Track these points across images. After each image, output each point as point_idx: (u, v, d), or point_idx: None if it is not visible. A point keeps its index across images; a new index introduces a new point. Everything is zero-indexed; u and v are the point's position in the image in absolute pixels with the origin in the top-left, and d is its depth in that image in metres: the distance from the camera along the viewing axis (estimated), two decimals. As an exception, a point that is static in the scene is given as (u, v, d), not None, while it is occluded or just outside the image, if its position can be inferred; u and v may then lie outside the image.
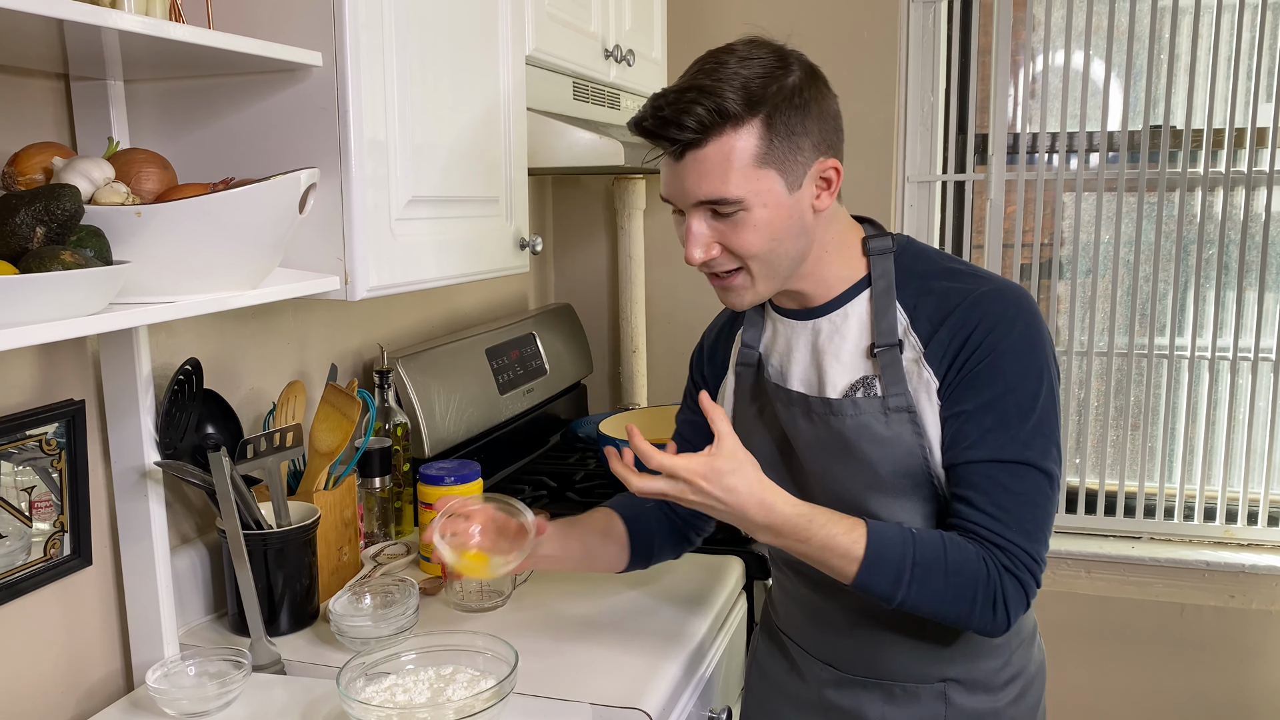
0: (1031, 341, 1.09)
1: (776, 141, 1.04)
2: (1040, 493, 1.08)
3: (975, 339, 1.08)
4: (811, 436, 1.18)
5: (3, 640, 1.17)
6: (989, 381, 1.07)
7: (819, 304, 1.17)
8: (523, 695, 1.17)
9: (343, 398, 1.44)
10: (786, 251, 1.10)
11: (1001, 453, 1.07)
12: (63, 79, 1.20)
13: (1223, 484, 2.38)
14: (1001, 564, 1.07)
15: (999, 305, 1.09)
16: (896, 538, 1.08)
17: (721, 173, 1.04)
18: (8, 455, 1.14)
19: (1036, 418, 1.08)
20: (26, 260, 0.86)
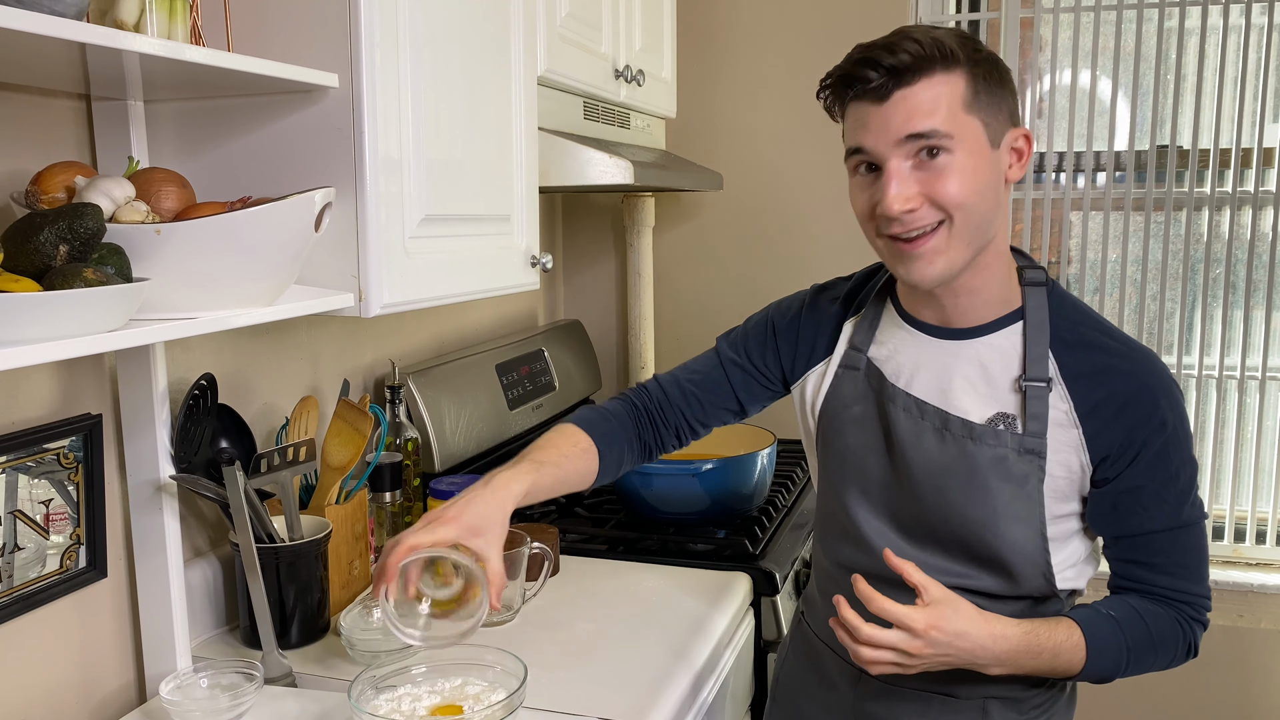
0: (1184, 414, 1.14)
1: (982, 93, 1.05)
2: (1204, 538, 1.17)
3: (1140, 415, 1.10)
4: (939, 455, 1.16)
5: (21, 651, 1.18)
6: (1164, 460, 1.11)
7: (964, 325, 1.16)
8: (531, 709, 1.18)
9: (355, 413, 1.46)
10: (984, 211, 1.07)
11: (1178, 520, 1.14)
12: (84, 99, 1.23)
13: (1231, 503, 2.38)
14: (1190, 616, 1.16)
15: (1157, 382, 1.11)
16: (1108, 629, 1.13)
17: (932, 108, 1.03)
18: (27, 468, 1.16)
19: (1189, 479, 1.14)
20: (50, 278, 0.88)
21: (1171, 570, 1.15)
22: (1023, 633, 1.08)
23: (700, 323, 2.57)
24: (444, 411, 1.82)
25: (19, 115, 1.15)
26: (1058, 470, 1.12)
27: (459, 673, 1.17)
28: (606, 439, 1.30)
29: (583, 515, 1.91)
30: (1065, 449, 1.12)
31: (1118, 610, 1.14)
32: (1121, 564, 1.17)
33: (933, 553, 1.19)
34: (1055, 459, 1.12)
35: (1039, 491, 1.12)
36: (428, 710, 1.10)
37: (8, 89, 1.14)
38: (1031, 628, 1.10)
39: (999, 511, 1.13)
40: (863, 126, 1.07)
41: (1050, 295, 1.15)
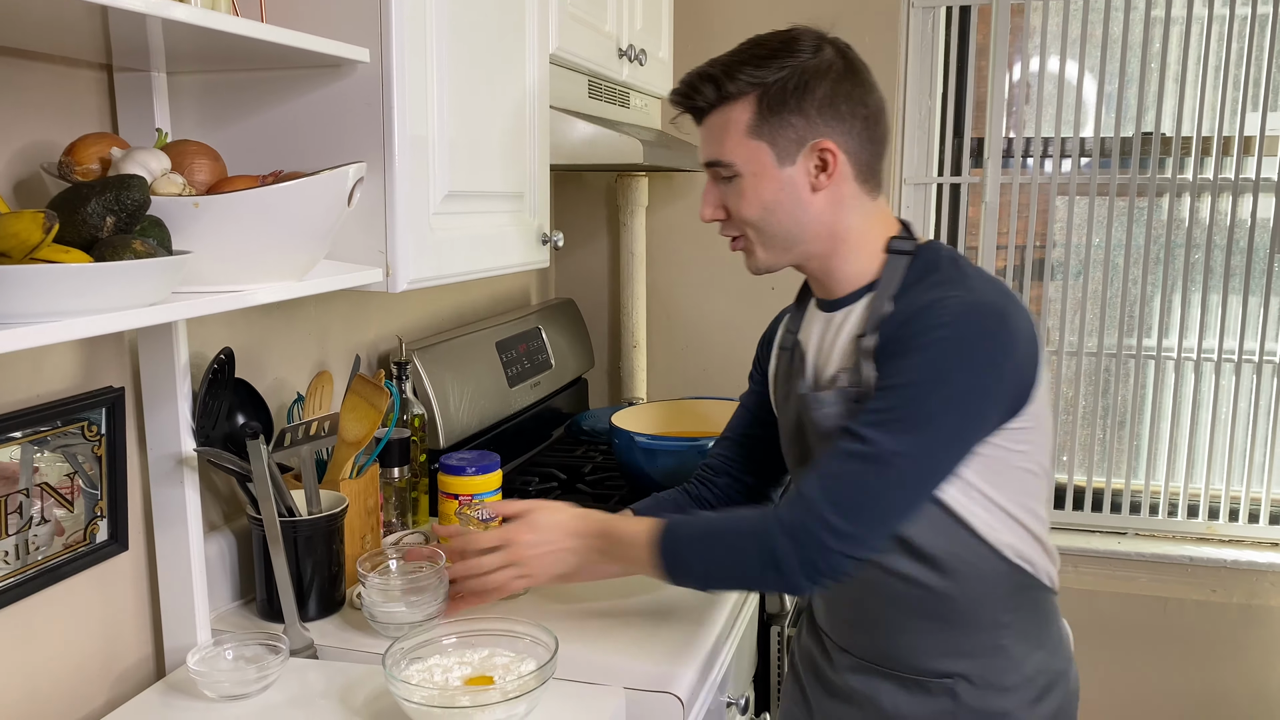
0: (959, 349, 1.07)
1: (768, 116, 1.14)
2: (880, 481, 1.07)
3: (909, 327, 1.10)
4: (810, 426, 1.22)
5: (46, 623, 1.18)
6: (895, 370, 1.09)
7: (834, 298, 1.23)
8: (557, 679, 1.20)
9: (370, 388, 1.46)
10: (781, 224, 1.18)
11: (855, 425, 1.09)
12: (106, 70, 1.22)
13: (1206, 482, 2.45)
14: (781, 517, 1.10)
15: (947, 310, 1.09)
16: (681, 518, 1.19)
17: (719, 139, 1.17)
18: (53, 441, 1.16)
19: (915, 414, 1.07)
20: (99, 249, 0.88)
21: (814, 467, 1.11)
22: (599, 522, 1.23)
23: (692, 303, 2.60)
24: (448, 388, 1.83)
25: (42, 85, 1.14)
26: None
27: (487, 643, 1.19)
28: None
29: (585, 491, 1.93)
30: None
31: (724, 510, 1.21)
32: None
33: None
34: None
35: None
36: (461, 680, 1.12)
37: (31, 57, 1.12)
38: (609, 520, 1.24)
39: None
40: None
41: (916, 261, 1.17)
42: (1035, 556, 1.20)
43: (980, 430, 1.11)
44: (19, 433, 1.11)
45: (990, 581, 1.18)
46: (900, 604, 1.20)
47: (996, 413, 1.11)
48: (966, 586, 1.18)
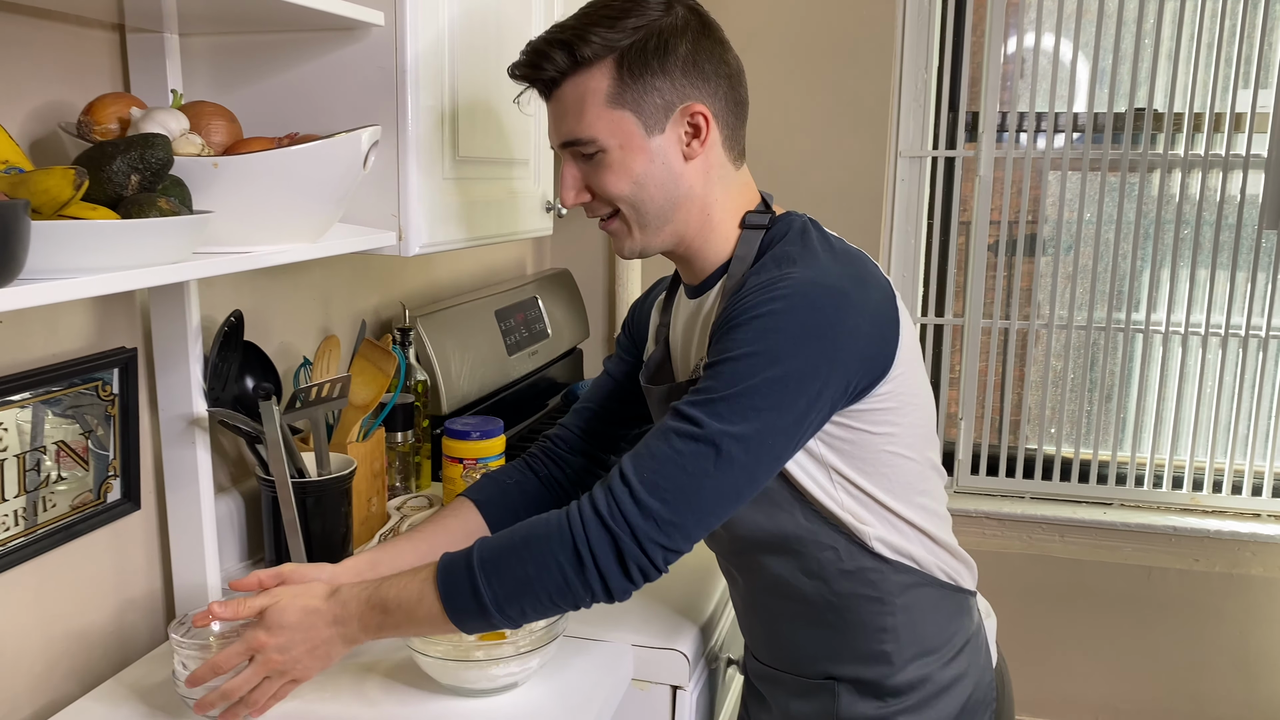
0: (791, 326, 0.97)
1: (629, 82, 1.03)
2: (696, 461, 0.95)
3: (739, 309, 0.99)
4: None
5: (60, 580, 1.20)
6: (722, 347, 0.99)
7: (698, 282, 1.14)
8: (566, 637, 1.23)
9: (379, 353, 1.48)
10: (653, 198, 1.06)
11: (682, 406, 0.98)
12: (118, 30, 1.22)
13: (1190, 454, 2.50)
14: (595, 507, 0.95)
15: (781, 289, 0.99)
16: (462, 551, 1.00)
17: (576, 113, 1.05)
18: (69, 400, 1.17)
19: (744, 393, 0.96)
20: (125, 206, 0.89)
21: (635, 449, 0.98)
22: (364, 589, 1.01)
23: (686, 273, 2.61)
24: (450, 355, 1.85)
25: (56, 45, 1.14)
26: None
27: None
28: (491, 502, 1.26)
29: (584, 458, 1.95)
30: None
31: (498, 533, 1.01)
32: None
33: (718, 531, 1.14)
34: None
35: None
36: (475, 636, 1.14)
37: (45, 16, 1.12)
38: (377, 585, 1.01)
39: None
40: (548, 125, 1.10)
41: (770, 232, 1.09)
42: (919, 552, 1.11)
43: (817, 411, 0.99)
44: (36, 391, 1.12)
45: (861, 579, 1.10)
46: (783, 605, 1.14)
47: (835, 392, 1.00)
48: (837, 585, 1.10)
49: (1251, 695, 2.47)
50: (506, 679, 1.11)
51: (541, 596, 0.96)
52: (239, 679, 1.01)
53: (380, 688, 1.14)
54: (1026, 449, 2.60)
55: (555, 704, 1.12)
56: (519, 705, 1.11)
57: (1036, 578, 2.52)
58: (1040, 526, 2.51)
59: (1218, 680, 2.48)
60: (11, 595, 1.13)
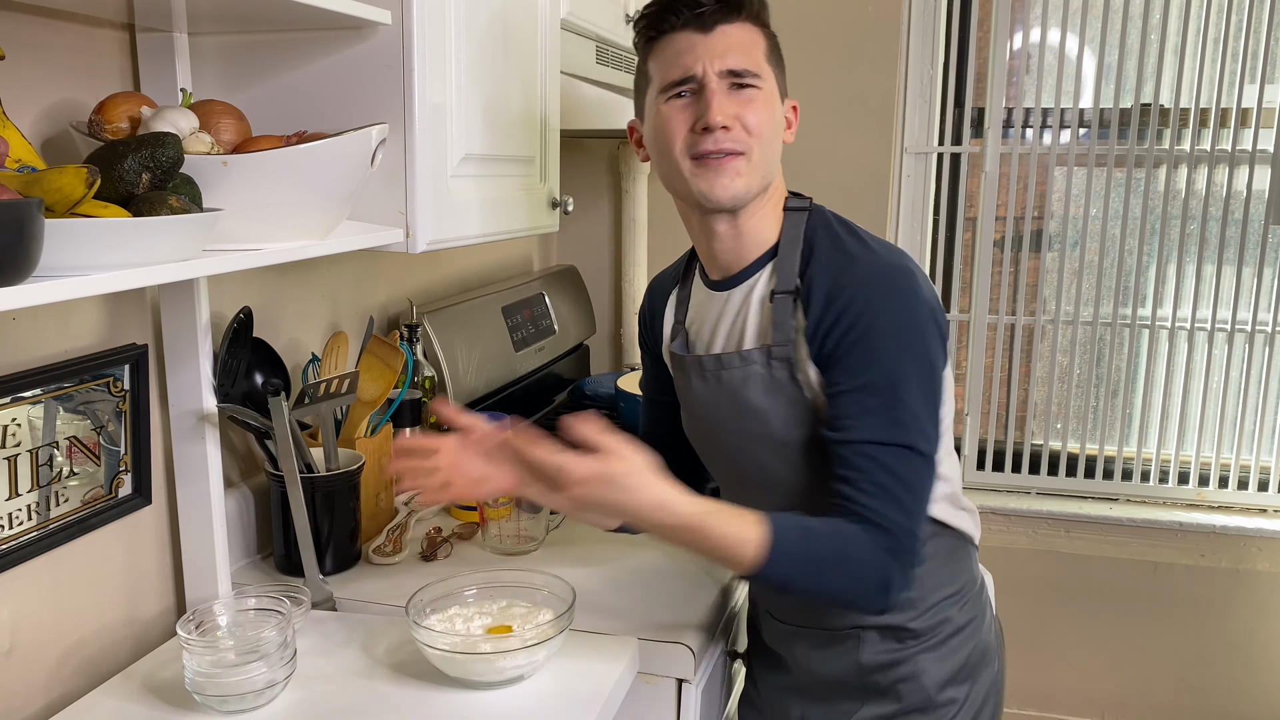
0: (906, 323, 1.11)
1: (774, 54, 1.19)
2: (917, 474, 1.11)
3: (847, 319, 1.10)
4: (705, 395, 1.23)
5: (72, 574, 1.21)
6: (864, 365, 1.10)
7: (734, 272, 1.22)
8: (573, 630, 1.24)
9: (386, 349, 1.49)
10: (773, 150, 1.18)
11: (883, 435, 1.09)
12: (128, 30, 1.23)
13: (1196, 449, 2.50)
14: (888, 548, 1.09)
15: (871, 285, 1.12)
16: (797, 535, 1.08)
17: (750, 49, 1.16)
18: (81, 396, 1.18)
19: (915, 399, 1.10)
20: (136, 204, 0.90)
21: (870, 490, 1.09)
22: (693, 513, 1.06)
23: (693, 270, 2.62)
24: (457, 351, 1.86)
25: (66, 45, 1.15)
26: (808, 382, 1.14)
27: (505, 595, 1.22)
28: None
29: (590, 454, 1.96)
30: (806, 363, 1.14)
31: (823, 525, 1.10)
32: (833, 479, 1.12)
33: (759, 495, 1.21)
34: (802, 365, 1.14)
35: (802, 397, 1.15)
36: (483, 629, 1.16)
37: (56, 16, 1.14)
38: (708, 512, 1.07)
39: (777, 424, 1.17)
40: (688, 53, 1.15)
41: (811, 217, 1.20)
42: (941, 504, 1.22)
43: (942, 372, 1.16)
44: (48, 387, 1.14)
45: None
46: None
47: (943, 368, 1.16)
48: None
49: (1257, 690, 2.47)
50: (514, 671, 1.12)
51: (831, 599, 1.13)
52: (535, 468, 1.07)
53: (388, 680, 1.15)
54: (1033, 444, 2.60)
55: (562, 697, 1.13)
56: (526, 698, 1.12)
57: (1042, 573, 2.53)
58: (1046, 522, 2.51)
59: (1224, 675, 2.48)
60: (25, 589, 1.15)
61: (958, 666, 1.26)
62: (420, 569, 1.45)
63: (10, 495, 1.11)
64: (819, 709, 1.30)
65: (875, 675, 1.25)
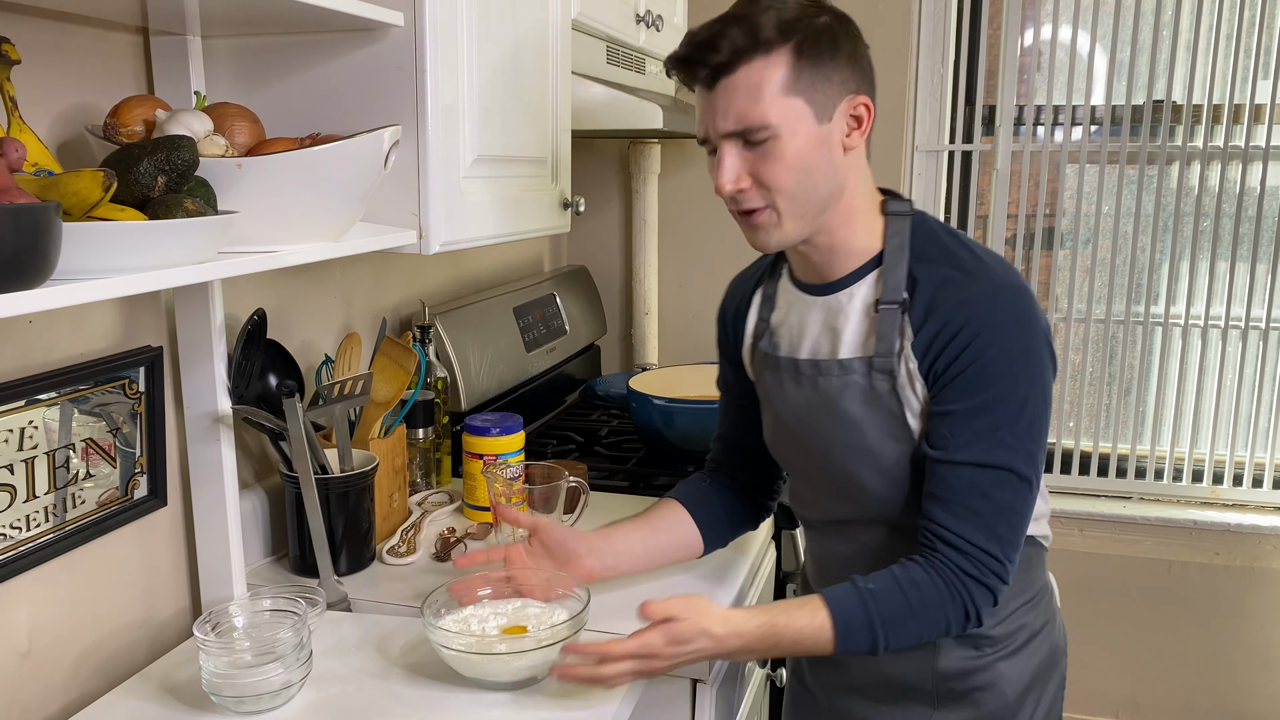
0: (1023, 346, 1.09)
1: (805, 71, 1.05)
2: (1019, 498, 1.10)
3: (963, 339, 1.08)
4: (799, 399, 1.20)
5: (91, 576, 1.22)
6: (978, 386, 1.08)
7: (835, 278, 1.17)
8: (588, 630, 1.24)
9: (399, 350, 1.49)
10: (816, 187, 1.09)
11: (985, 457, 1.08)
12: (142, 33, 1.23)
13: (1210, 447, 2.49)
14: (966, 571, 1.09)
15: (991, 307, 1.08)
16: (855, 603, 1.10)
17: (751, 98, 1.05)
18: (97, 398, 1.18)
19: (1024, 423, 1.08)
20: (152, 207, 0.90)
21: (962, 515, 1.09)
22: (758, 624, 1.10)
23: (704, 270, 2.62)
24: (469, 352, 1.86)
25: (81, 49, 1.16)
26: (910, 397, 1.12)
27: (519, 595, 1.22)
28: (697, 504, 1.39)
29: (603, 453, 1.96)
30: (913, 376, 1.12)
31: (877, 583, 1.11)
32: (926, 496, 1.12)
33: (838, 502, 1.23)
34: (905, 382, 1.12)
35: (899, 409, 1.13)
36: (498, 630, 1.16)
37: (70, 20, 1.14)
38: (771, 617, 1.10)
39: (872, 436, 1.15)
40: (701, 113, 1.11)
41: (916, 224, 1.15)
42: None
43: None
44: (64, 390, 1.14)
45: None
46: (888, 561, 1.18)
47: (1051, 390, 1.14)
48: None
49: (1272, 688, 2.46)
50: (529, 672, 1.12)
51: (922, 640, 1.12)
52: (615, 669, 1.08)
53: (404, 680, 1.15)
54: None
55: (576, 697, 1.13)
56: (541, 698, 1.12)
57: (1056, 572, 2.48)
58: (1060, 520, 2.50)
59: (1239, 674, 2.47)
60: (42, 592, 1.15)
61: (1034, 671, 1.24)
62: (434, 569, 1.45)
63: (28, 498, 1.11)
64: (888, 712, 1.27)
65: (952, 683, 1.22)
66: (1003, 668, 1.22)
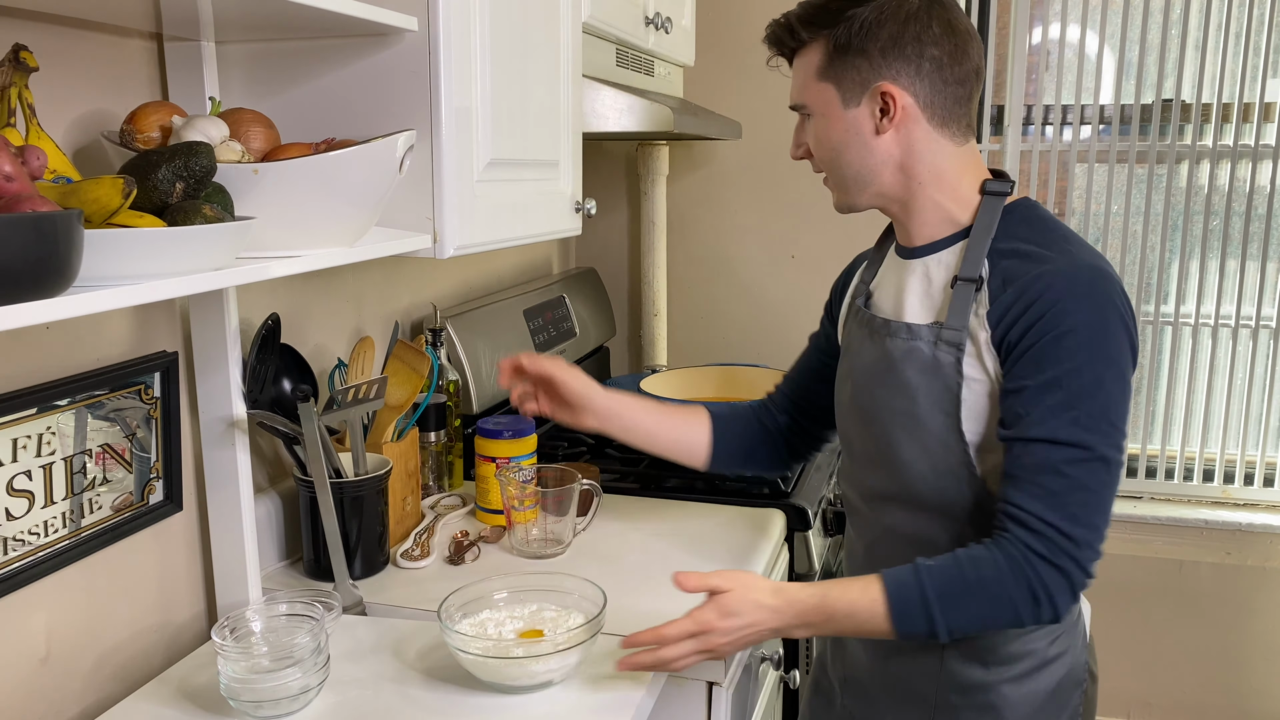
0: (1099, 325, 1.07)
1: (836, 58, 1.16)
2: (1095, 478, 1.06)
3: (1037, 310, 1.08)
4: (868, 356, 1.23)
5: (108, 581, 1.22)
6: (1052, 360, 1.07)
7: (920, 244, 1.20)
8: (604, 634, 1.24)
9: (413, 354, 1.49)
10: (850, 164, 1.19)
11: (1059, 434, 1.06)
12: (156, 40, 1.24)
13: (1221, 446, 2.48)
14: (1033, 549, 1.05)
15: (1067, 283, 1.08)
16: (910, 578, 1.08)
17: (799, 81, 1.21)
18: (113, 403, 1.19)
19: (1100, 402, 1.06)
20: (170, 214, 0.91)
21: (1035, 493, 1.06)
22: (811, 594, 1.11)
23: (712, 271, 2.62)
24: (480, 354, 1.86)
25: (96, 55, 1.16)
26: (977, 371, 1.12)
27: (535, 599, 1.23)
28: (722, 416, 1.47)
29: (613, 456, 1.96)
30: (982, 347, 1.12)
31: (936, 560, 1.09)
32: (1003, 478, 1.10)
33: (873, 471, 1.23)
34: (972, 351, 1.12)
35: (956, 383, 1.13)
36: (514, 633, 1.16)
37: (85, 27, 1.14)
38: (824, 589, 1.11)
39: (923, 404, 1.15)
40: None
41: (1011, 209, 1.16)
42: None
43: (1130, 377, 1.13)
44: (80, 396, 1.14)
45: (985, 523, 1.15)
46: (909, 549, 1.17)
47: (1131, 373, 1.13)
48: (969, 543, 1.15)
49: (1286, 689, 2.45)
50: (546, 675, 1.12)
51: (989, 626, 1.09)
52: (676, 650, 1.10)
53: (421, 684, 1.15)
54: (1055, 443, 2.58)
55: (594, 700, 1.13)
56: (557, 702, 1.12)
57: (1066, 572, 2.51)
58: (1070, 520, 2.50)
59: (1251, 674, 2.47)
60: (59, 597, 1.15)
61: (1040, 702, 1.20)
62: (448, 573, 1.45)
63: (45, 503, 1.11)
64: (887, 715, 1.26)
65: (953, 695, 1.20)
66: (1006, 691, 1.19)
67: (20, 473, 1.08)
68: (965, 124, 1.18)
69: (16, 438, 1.07)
